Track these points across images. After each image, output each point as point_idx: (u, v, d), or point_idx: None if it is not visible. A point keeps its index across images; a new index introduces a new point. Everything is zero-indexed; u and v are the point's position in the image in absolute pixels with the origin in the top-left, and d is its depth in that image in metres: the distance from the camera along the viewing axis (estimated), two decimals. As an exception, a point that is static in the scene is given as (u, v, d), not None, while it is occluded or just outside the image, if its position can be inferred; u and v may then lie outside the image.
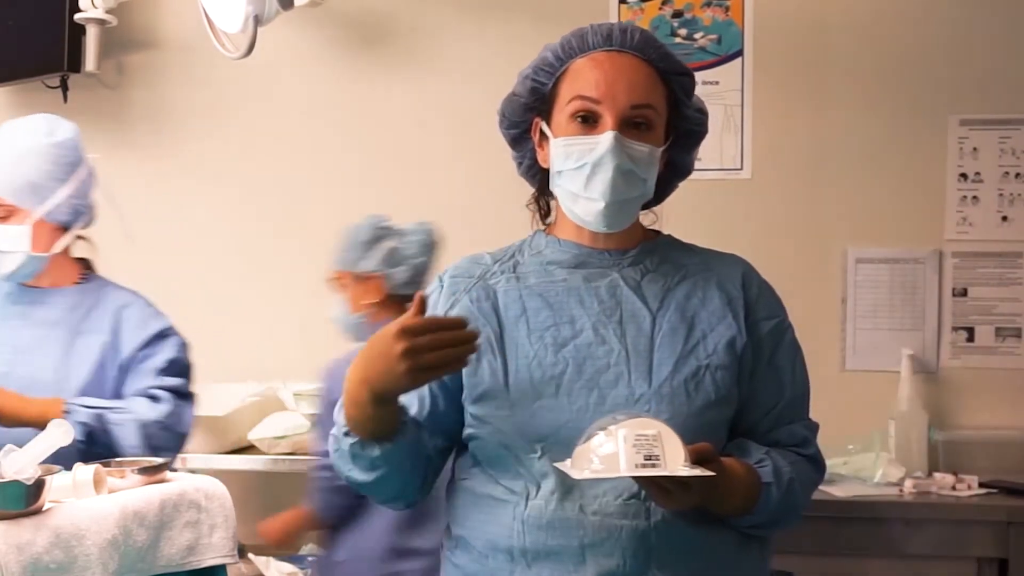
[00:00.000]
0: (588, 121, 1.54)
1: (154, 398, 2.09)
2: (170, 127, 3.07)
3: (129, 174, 3.09)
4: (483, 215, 2.69)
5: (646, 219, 1.68)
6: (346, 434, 1.50)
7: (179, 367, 2.15)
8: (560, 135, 1.56)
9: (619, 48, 1.56)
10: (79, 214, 2.16)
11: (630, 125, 1.53)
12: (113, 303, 2.17)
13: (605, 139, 1.52)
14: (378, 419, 1.48)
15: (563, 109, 1.56)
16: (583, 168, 1.54)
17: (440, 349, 1.37)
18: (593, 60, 1.56)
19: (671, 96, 1.59)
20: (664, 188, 1.69)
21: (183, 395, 2.14)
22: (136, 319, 2.15)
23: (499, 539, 1.51)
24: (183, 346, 2.16)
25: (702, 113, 1.65)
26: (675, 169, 1.68)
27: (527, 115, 1.64)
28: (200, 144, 3.06)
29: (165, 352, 2.13)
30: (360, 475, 1.53)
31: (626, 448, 1.33)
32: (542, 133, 1.61)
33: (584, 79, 1.55)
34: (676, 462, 1.34)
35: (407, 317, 1.39)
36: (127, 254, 3.06)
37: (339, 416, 1.51)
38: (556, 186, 1.60)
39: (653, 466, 1.33)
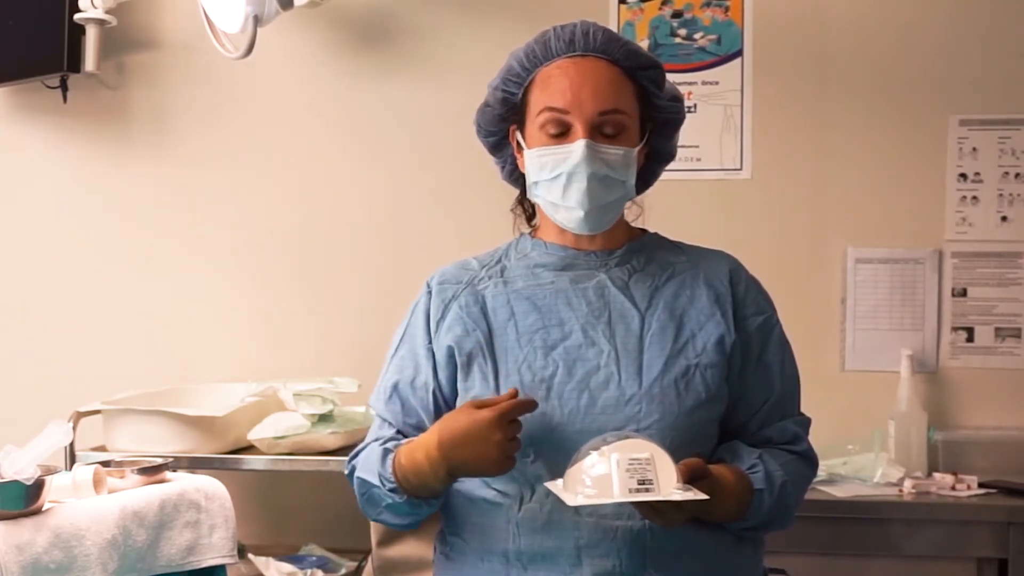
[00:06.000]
0: (559, 131, 1.54)
1: None
2: (170, 127, 3.07)
3: (129, 174, 3.09)
4: (482, 215, 2.69)
5: (630, 213, 1.68)
6: (392, 491, 1.51)
7: None
8: (533, 146, 1.57)
9: (582, 52, 1.55)
10: None
11: (601, 130, 1.53)
12: None
13: (577, 148, 1.52)
14: (437, 491, 1.51)
15: (534, 120, 1.57)
16: (558, 179, 1.54)
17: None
18: (558, 68, 1.56)
19: (642, 91, 1.59)
20: (648, 177, 1.69)
21: None
22: None
23: (494, 542, 1.51)
24: None
25: (677, 100, 1.64)
26: (658, 157, 1.67)
27: (502, 124, 1.65)
28: (200, 144, 3.06)
29: None
30: (391, 519, 1.57)
31: (619, 472, 1.34)
32: (518, 142, 1.62)
33: (551, 89, 1.55)
34: (669, 485, 1.35)
35: (507, 407, 1.42)
36: (126, 254, 3.07)
37: (382, 470, 1.52)
38: (534, 196, 1.61)
39: (647, 491, 1.34)
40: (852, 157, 2.85)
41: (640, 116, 1.58)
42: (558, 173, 1.53)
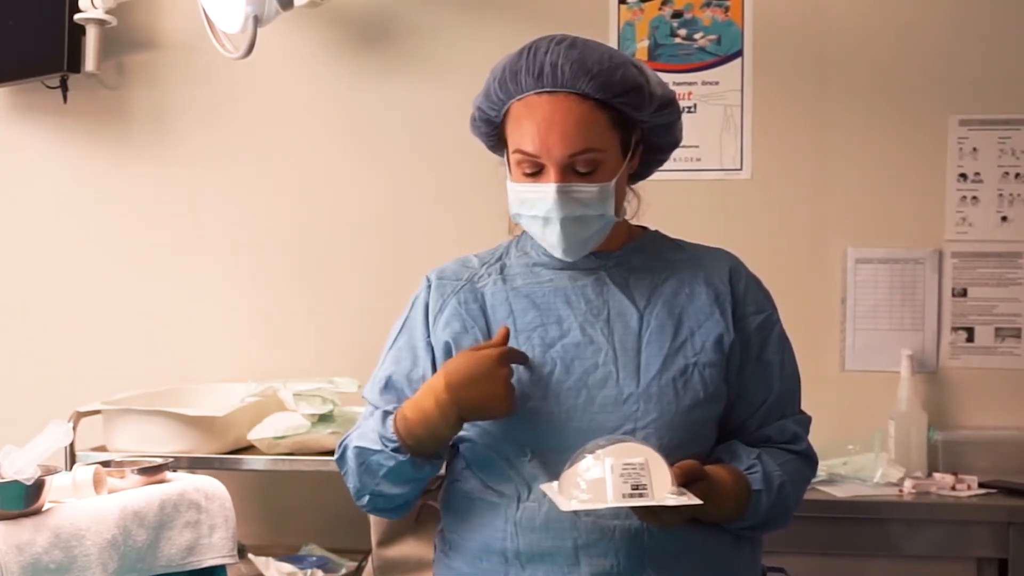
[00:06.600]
0: (533, 170, 1.52)
1: None
2: (170, 127, 3.07)
3: (129, 174, 3.10)
4: (482, 215, 2.68)
5: (629, 209, 1.65)
6: (395, 450, 1.50)
7: None
8: (512, 179, 1.56)
9: (551, 89, 1.50)
10: None
11: (575, 168, 1.50)
12: None
13: (549, 192, 1.50)
14: (445, 440, 1.51)
15: (511, 154, 1.55)
16: (536, 219, 1.54)
17: None
18: (527, 107, 1.52)
19: (620, 115, 1.53)
20: (653, 164, 1.66)
21: None
22: None
23: (492, 541, 1.51)
24: None
25: (666, 107, 1.58)
26: (661, 147, 1.64)
27: (493, 134, 1.63)
28: (200, 144, 3.06)
29: None
30: (389, 488, 1.55)
31: (613, 478, 1.34)
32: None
33: (521, 130, 1.52)
34: (663, 490, 1.35)
35: (507, 346, 1.46)
36: (126, 254, 3.07)
37: (383, 431, 1.51)
38: (519, 224, 1.60)
39: (640, 496, 1.34)
40: (852, 157, 2.85)
41: (621, 139, 1.54)
42: (535, 214, 1.53)
